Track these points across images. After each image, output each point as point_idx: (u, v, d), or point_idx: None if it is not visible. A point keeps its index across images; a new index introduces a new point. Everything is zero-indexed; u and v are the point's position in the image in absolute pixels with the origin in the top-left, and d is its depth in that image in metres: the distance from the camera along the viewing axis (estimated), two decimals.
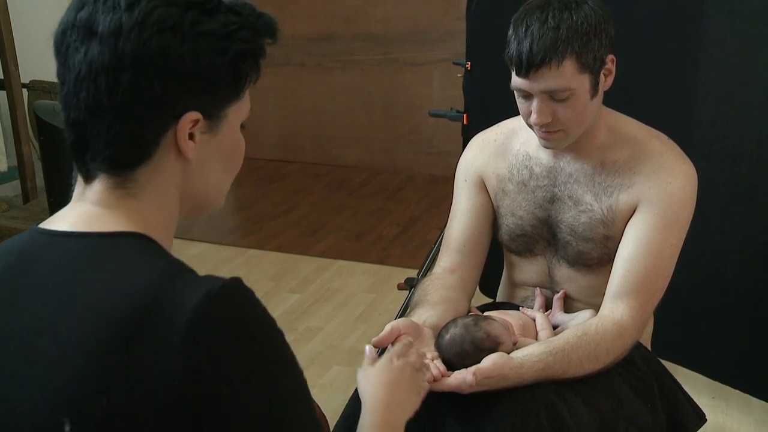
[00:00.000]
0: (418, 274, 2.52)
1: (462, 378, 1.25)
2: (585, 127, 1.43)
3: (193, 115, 0.85)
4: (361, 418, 1.06)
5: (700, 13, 2.17)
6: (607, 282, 1.46)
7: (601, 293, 1.47)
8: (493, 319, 1.41)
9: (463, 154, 1.68)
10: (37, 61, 4.08)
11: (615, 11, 1.42)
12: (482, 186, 1.62)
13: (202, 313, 0.75)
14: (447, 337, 1.35)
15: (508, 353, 1.32)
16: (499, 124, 1.66)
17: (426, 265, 2.50)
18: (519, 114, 1.47)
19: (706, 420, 1.52)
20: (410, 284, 2.36)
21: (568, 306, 1.58)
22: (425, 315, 1.46)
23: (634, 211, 1.45)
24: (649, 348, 1.63)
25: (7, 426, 0.77)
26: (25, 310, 0.80)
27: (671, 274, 1.46)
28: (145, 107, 0.83)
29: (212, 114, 0.87)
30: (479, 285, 1.69)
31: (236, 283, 0.79)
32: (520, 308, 1.58)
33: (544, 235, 1.57)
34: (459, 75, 2.71)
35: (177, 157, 0.87)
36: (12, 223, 2.97)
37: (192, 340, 0.75)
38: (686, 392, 1.54)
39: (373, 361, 1.19)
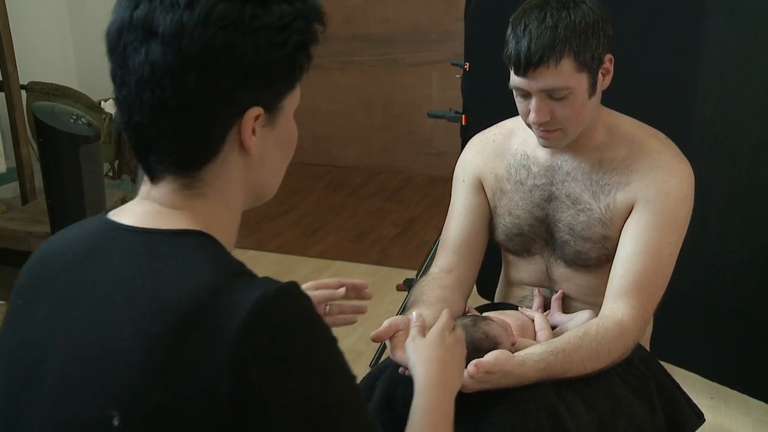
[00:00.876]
0: (417, 275, 2.52)
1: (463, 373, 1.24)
2: (583, 126, 1.44)
3: (256, 110, 0.84)
4: (414, 399, 1.02)
5: (700, 13, 2.17)
6: (605, 282, 1.46)
7: (600, 293, 1.47)
8: (492, 320, 1.41)
9: (462, 154, 1.69)
10: (36, 62, 4.09)
11: (615, 11, 1.42)
12: (480, 186, 1.63)
13: (256, 316, 0.74)
14: None
15: None
16: (497, 124, 1.67)
17: (425, 266, 2.50)
18: (517, 114, 1.48)
19: (704, 420, 1.52)
20: (409, 285, 2.36)
21: (567, 305, 1.58)
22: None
23: (631, 210, 1.45)
24: (648, 349, 1.63)
25: (60, 416, 0.78)
26: (87, 301, 0.81)
27: (671, 273, 1.46)
28: (211, 106, 0.82)
29: (271, 107, 0.87)
30: (476, 287, 1.69)
31: (292, 287, 0.78)
32: (519, 309, 1.58)
33: (541, 234, 1.57)
34: (457, 76, 2.71)
35: (240, 152, 0.86)
36: (11, 224, 2.97)
37: (244, 344, 0.73)
38: (685, 392, 1.53)
39: (423, 329, 1.15)
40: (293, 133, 0.93)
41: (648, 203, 1.43)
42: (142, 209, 0.87)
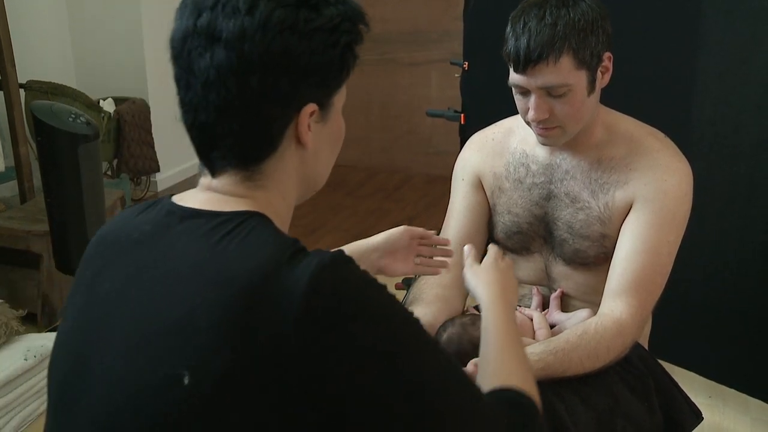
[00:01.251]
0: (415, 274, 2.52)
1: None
2: (582, 123, 1.44)
3: (311, 107, 0.91)
4: (483, 318, 1.13)
5: (699, 13, 2.17)
6: (604, 280, 1.46)
7: (599, 291, 1.47)
8: None
9: (461, 152, 1.69)
10: (34, 61, 4.08)
11: (614, 10, 1.42)
12: (479, 185, 1.63)
13: (317, 283, 0.80)
14: (445, 336, 1.35)
15: None
16: (496, 123, 1.67)
17: None
18: (516, 113, 1.48)
19: (702, 418, 1.52)
20: (408, 284, 2.36)
21: (565, 304, 1.58)
22: (420, 313, 1.46)
23: (630, 209, 1.45)
24: (647, 347, 1.63)
25: (130, 375, 0.84)
26: (155, 276, 0.87)
27: (669, 271, 1.46)
28: (272, 104, 0.88)
29: (324, 103, 0.93)
30: None
31: (341, 254, 0.85)
32: (518, 307, 1.58)
33: (540, 233, 1.57)
34: (456, 75, 2.71)
35: (297, 146, 0.93)
36: (10, 223, 2.96)
37: (308, 308, 0.79)
38: (683, 391, 1.53)
39: (478, 258, 1.27)
40: (342, 127, 1.01)
41: (647, 202, 1.43)
42: (205, 196, 0.93)
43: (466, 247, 1.30)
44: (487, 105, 2.31)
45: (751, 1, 2.08)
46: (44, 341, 2.41)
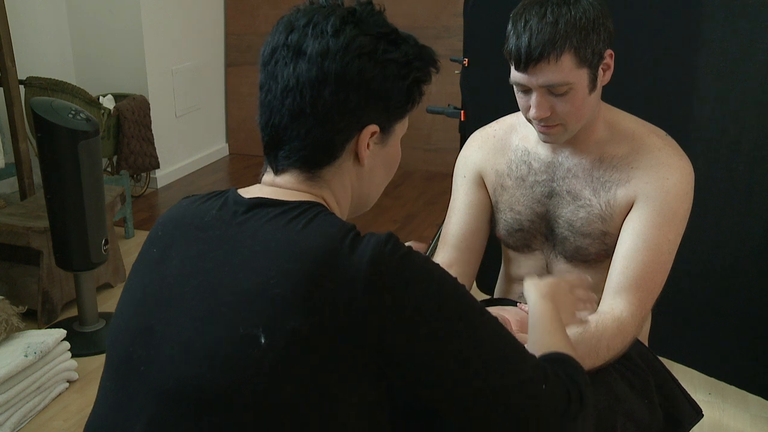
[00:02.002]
0: None
1: None
2: (584, 121, 1.44)
3: (373, 127, 1.02)
4: (531, 314, 1.21)
5: (699, 11, 2.17)
6: (604, 277, 1.47)
7: (599, 288, 1.47)
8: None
9: (463, 150, 1.69)
10: (34, 57, 4.08)
11: (613, 8, 1.42)
12: (481, 182, 1.63)
13: (379, 255, 0.91)
14: None
15: None
16: (497, 120, 1.67)
17: None
18: (516, 110, 1.48)
19: (702, 415, 1.52)
20: None
21: None
22: None
23: (631, 207, 1.45)
24: (647, 344, 1.63)
25: (211, 336, 0.93)
26: (227, 253, 0.96)
27: (669, 269, 1.46)
28: (339, 117, 0.99)
29: (385, 128, 1.04)
30: (476, 281, 1.70)
31: (391, 233, 0.96)
32: (518, 304, 1.58)
33: (541, 230, 1.57)
34: (456, 72, 2.71)
35: (354, 162, 1.04)
36: (9, 219, 2.96)
37: (375, 276, 0.90)
38: (683, 388, 1.54)
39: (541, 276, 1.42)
40: (398, 155, 1.11)
41: (648, 200, 1.43)
42: (269, 190, 1.03)
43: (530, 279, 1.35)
44: (487, 102, 2.32)
45: None
46: (44, 338, 2.42)
